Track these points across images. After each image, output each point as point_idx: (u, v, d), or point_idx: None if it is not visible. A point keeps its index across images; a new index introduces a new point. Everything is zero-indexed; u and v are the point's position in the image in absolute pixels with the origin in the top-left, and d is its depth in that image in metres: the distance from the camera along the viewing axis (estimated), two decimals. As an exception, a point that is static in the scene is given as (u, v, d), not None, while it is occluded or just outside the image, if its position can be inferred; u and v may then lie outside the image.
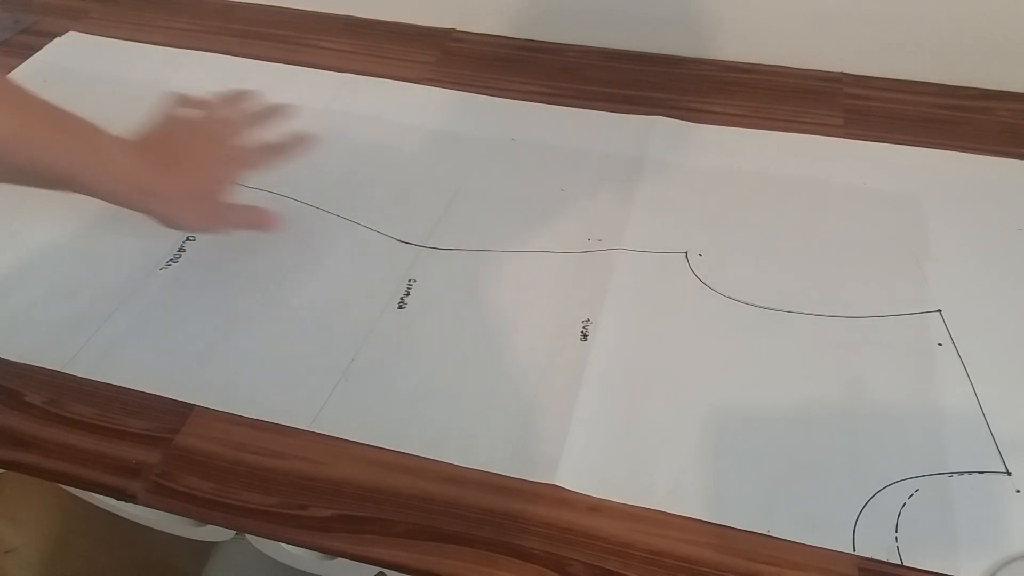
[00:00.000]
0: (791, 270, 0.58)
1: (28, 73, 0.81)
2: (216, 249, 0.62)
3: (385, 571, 0.49)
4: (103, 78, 0.80)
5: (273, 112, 0.61)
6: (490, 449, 0.48)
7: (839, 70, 0.77)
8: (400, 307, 0.57)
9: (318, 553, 0.51)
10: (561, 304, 0.56)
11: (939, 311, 0.55)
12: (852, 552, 0.43)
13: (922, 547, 0.43)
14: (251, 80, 0.79)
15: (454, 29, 0.86)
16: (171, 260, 0.61)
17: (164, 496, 0.47)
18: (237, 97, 0.61)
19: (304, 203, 0.66)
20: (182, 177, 0.52)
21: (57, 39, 0.86)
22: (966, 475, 0.46)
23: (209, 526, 0.55)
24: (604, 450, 0.48)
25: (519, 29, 0.84)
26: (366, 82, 0.79)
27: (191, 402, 0.52)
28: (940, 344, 0.53)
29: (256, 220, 0.58)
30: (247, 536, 0.53)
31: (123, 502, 0.48)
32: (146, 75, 0.80)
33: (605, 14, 0.81)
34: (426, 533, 0.45)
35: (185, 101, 0.59)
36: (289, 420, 0.50)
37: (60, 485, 0.52)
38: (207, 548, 0.90)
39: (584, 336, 0.54)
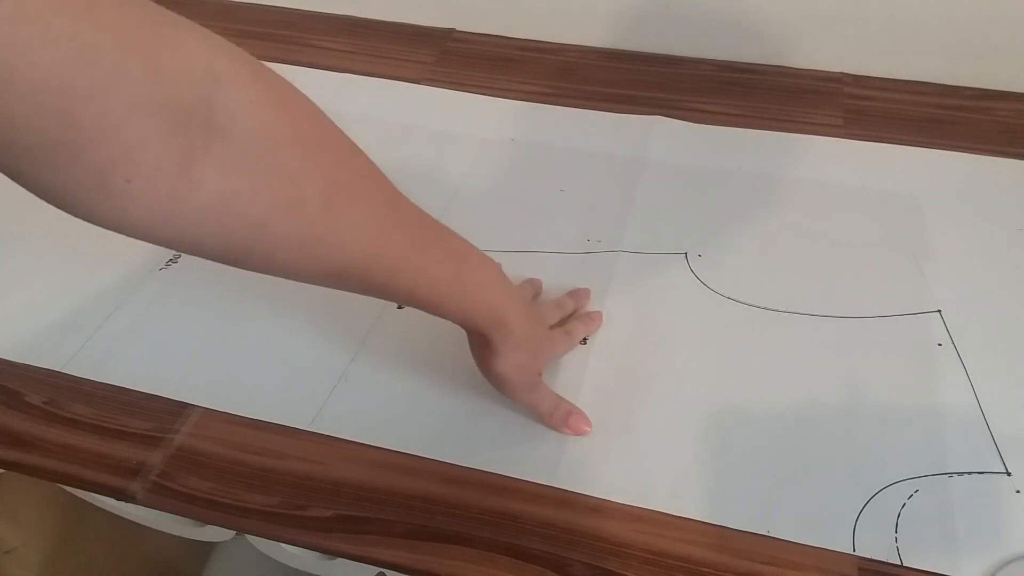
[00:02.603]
0: (791, 270, 0.58)
1: (28, 73, 0.81)
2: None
3: (385, 571, 0.49)
4: (103, 78, 0.80)
5: (577, 296, 0.57)
6: (490, 449, 0.48)
7: (839, 70, 0.77)
8: (400, 307, 0.57)
9: (318, 553, 0.51)
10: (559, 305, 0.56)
11: (939, 311, 0.55)
12: (852, 552, 0.43)
13: (922, 547, 0.43)
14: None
15: (454, 29, 0.86)
16: (171, 260, 0.61)
17: (164, 496, 0.47)
18: (579, 296, 0.57)
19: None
20: (528, 328, 0.47)
21: (57, 39, 0.86)
22: (966, 475, 0.46)
23: (209, 526, 0.55)
24: (604, 450, 0.48)
25: (519, 29, 0.84)
26: (366, 82, 0.79)
27: (191, 402, 0.52)
28: (940, 344, 0.53)
29: (561, 413, 0.49)
30: (247, 536, 0.53)
31: (123, 502, 0.48)
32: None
33: (605, 14, 0.81)
34: (426, 533, 0.45)
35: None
36: (289, 420, 0.50)
37: (60, 485, 0.52)
38: (207, 548, 0.90)
39: (584, 338, 0.54)
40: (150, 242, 0.30)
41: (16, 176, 0.26)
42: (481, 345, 0.46)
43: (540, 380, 0.49)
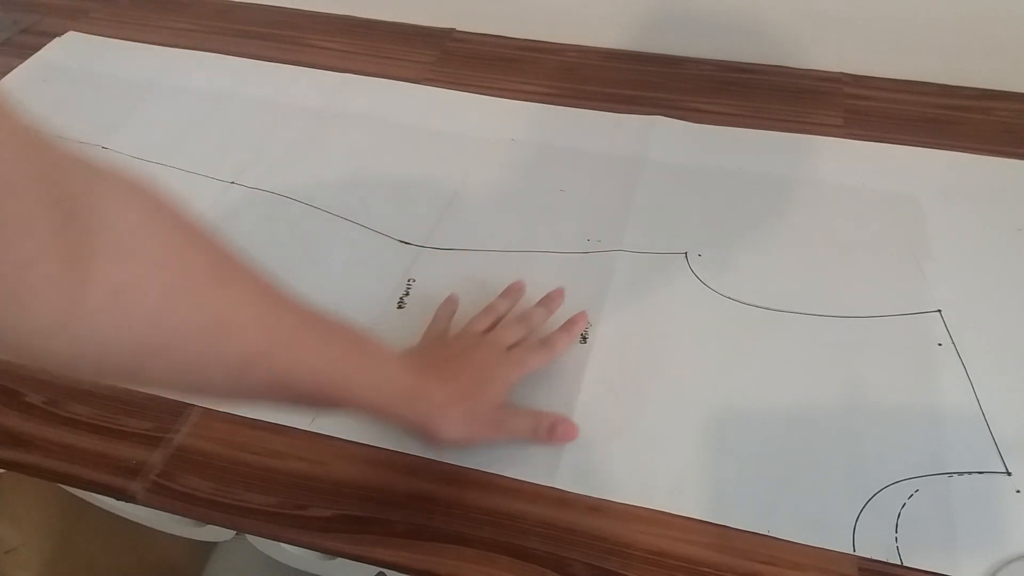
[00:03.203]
0: (791, 270, 0.58)
1: (28, 73, 0.81)
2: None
3: (385, 571, 0.49)
4: (103, 78, 0.80)
5: (547, 302, 0.55)
6: (490, 449, 0.48)
7: (839, 70, 0.77)
8: (400, 307, 0.57)
9: (318, 553, 0.51)
10: (561, 305, 0.56)
11: (939, 311, 0.55)
12: (852, 552, 0.43)
13: (922, 547, 0.43)
14: (251, 80, 0.79)
15: (454, 29, 0.86)
16: (171, 260, 0.61)
17: (164, 496, 0.47)
18: (512, 292, 0.56)
19: (304, 203, 0.66)
20: (451, 380, 0.46)
21: (57, 39, 0.86)
22: (966, 475, 0.46)
23: (209, 526, 0.55)
24: (604, 450, 0.48)
25: (519, 29, 0.84)
26: (366, 82, 0.79)
27: (191, 402, 0.52)
28: (940, 344, 0.53)
29: (544, 428, 0.48)
30: (247, 536, 0.53)
31: (123, 502, 0.48)
32: (146, 75, 0.81)
33: (605, 14, 0.81)
34: (426, 533, 0.45)
35: (453, 306, 0.55)
36: (289, 420, 0.50)
37: (60, 485, 0.52)
38: (207, 548, 0.90)
39: (584, 338, 0.54)
40: (52, 363, 0.30)
41: None
42: (415, 426, 0.45)
43: (503, 412, 0.47)
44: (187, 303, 0.31)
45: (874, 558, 0.43)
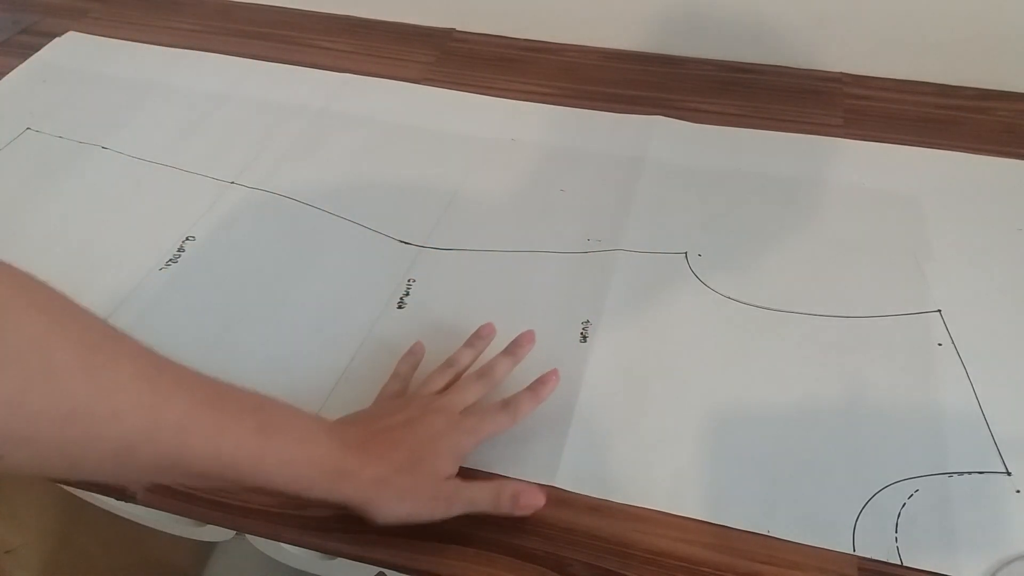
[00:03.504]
0: (791, 270, 0.58)
1: (28, 73, 0.81)
2: (216, 249, 0.62)
3: (385, 571, 0.49)
4: (103, 78, 0.80)
5: (515, 349, 0.51)
6: (490, 449, 0.48)
7: (839, 70, 0.77)
8: (400, 307, 0.57)
9: (318, 553, 0.51)
10: (561, 305, 0.57)
11: (939, 311, 0.55)
12: (852, 552, 0.43)
13: (922, 547, 0.43)
14: (251, 80, 0.79)
15: (454, 29, 0.86)
16: (171, 260, 0.61)
17: (164, 496, 0.47)
18: (478, 340, 0.53)
19: (304, 203, 0.66)
20: (385, 455, 0.42)
21: (57, 39, 0.86)
22: (966, 475, 0.46)
23: (209, 526, 0.55)
24: (604, 450, 0.48)
25: (519, 29, 0.84)
26: (366, 82, 0.79)
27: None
28: (940, 344, 0.53)
29: (506, 498, 0.44)
30: (247, 536, 0.53)
31: (123, 502, 0.48)
32: (146, 75, 0.81)
33: (605, 14, 0.81)
34: (426, 533, 0.45)
35: (415, 359, 0.52)
36: (289, 420, 0.50)
37: (60, 485, 0.52)
38: (207, 548, 0.90)
39: (584, 338, 0.54)
40: None
41: None
42: (344, 507, 0.42)
43: (452, 485, 0.43)
44: (49, 391, 0.30)
45: (874, 558, 0.43)
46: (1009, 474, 0.46)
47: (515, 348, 0.51)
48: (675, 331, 0.55)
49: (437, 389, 0.49)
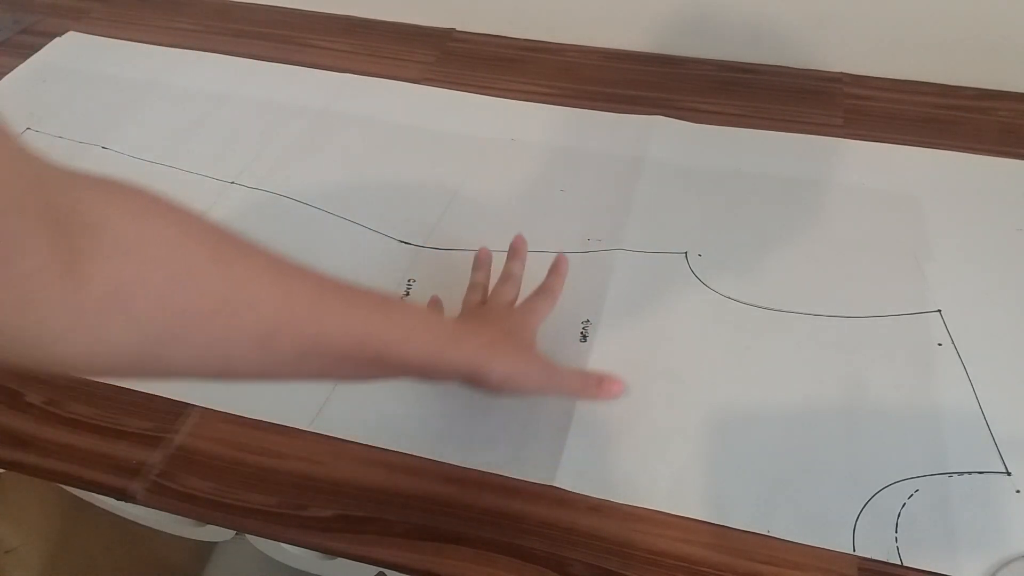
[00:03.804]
0: (791, 270, 0.58)
1: (28, 73, 0.81)
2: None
3: (385, 571, 0.49)
4: (103, 78, 0.80)
5: (515, 255, 0.56)
6: (490, 449, 0.48)
7: (839, 70, 0.77)
8: (400, 307, 0.57)
9: (318, 553, 0.51)
10: (561, 304, 0.56)
11: (939, 311, 0.55)
12: (852, 552, 0.43)
13: (922, 547, 0.43)
14: (251, 80, 0.79)
15: (454, 29, 0.86)
16: (171, 260, 0.61)
17: (164, 496, 0.47)
18: (482, 262, 0.57)
19: (304, 203, 0.66)
20: (486, 326, 0.49)
21: (57, 39, 0.86)
22: (966, 475, 0.46)
23: (209, 526, 0.55)
24: (604, 450, 0.48)
25: (519, 29, 0.84)
26: (366, 82, 0.79)
27: (191, 402, 0.52)
28: (940, 344, 0.53)
29: (592, 383, 0.47)
30: (247, 536, 0.53)
31: (123, 502, 0.48)
32: (146, 75, 0.81)
33: (605, 14, 0.81)
34: (426, 533, 0.45)
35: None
36: (289, 420, 0.50)
37: (60, 485, 0.52)
38: (207, 548, 0.90)
39: (584, 337, 0.54)
40: (70, 367, 0.30)
41: None
42: (465, 368, 0.44)
43: (550, 362, 0.48)
44: (191, 289, 0.32)
45: (874, 558, 0.43)
46: (1009, 474, 0.46)
47: (514, 253, 0.56)
48: (675, 331, 0.55)
49: (476, 303, 0.53)
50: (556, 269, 0.54)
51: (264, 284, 0.35)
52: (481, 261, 0.56)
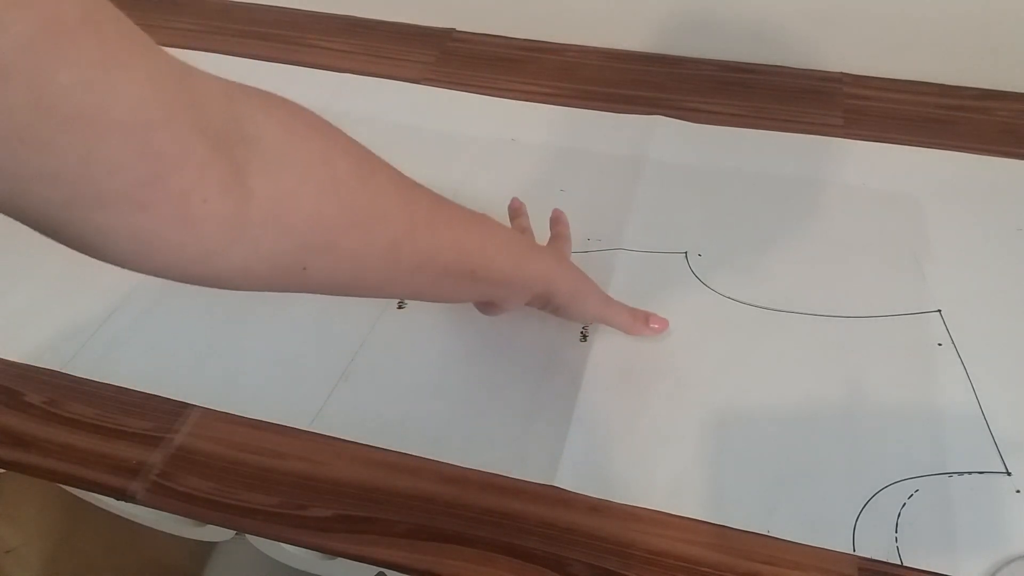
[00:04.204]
0: (791, 270, 0.58)
1: (28, 73, 0.81)
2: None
3: (385, 571, 0.49)
4: (103, 78, 0.80)
5: (516, 215, 0.59)
6: (490, 449, 0.48)
7: (839, 70, 0.77)
8: (400, 307, 0.57)
9: (318, 553, 0.51)
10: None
11: (939, 311, 0.55)
12: (852, 552, 0.43)
13: (922, 547, 0.43)
14: (251, 80, 0.79)
15: (454, 29, 0.86)
16: (171, 260, 0.61)
17: (164, 496, 0.47)
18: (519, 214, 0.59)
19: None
20: (554, 247, 0.54)
21: (57, 39, 0.86)
22: (966, 475, 0.46)
23: (209, 526, 0.55)
24: (604, 450, 0.48)
25: (519, 29, 0.84)
26: (366, 82, 0.79)
27: (191, 402, 0.52)
28: (940, 344, 0.53)
29: (640, 318, 0.53)
30: (247, 536, 0.53)
31: (123, 502, 0.48)
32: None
33: (605, 14, 0.81)
34: (426, 533, 0.45)
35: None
36: (289, 420, 0.50)
37: (60, 485, 0.52)
38: (207, 548, 0.90)
39: (584, 337, 0.54)
40: (225, 282, 0.31)
41: (93, 232, 0.26)
42: (545, 290, 0.48)
43: (606, 301, 0.52)
44: (338, 201, 0.33)
45: (874, 558, 0.43)
46: (1009, 474, 0.46)
47: (515, 213, 0.57)
48: (675, 331, 0.55)
49: None
50: (559, 219, 0.57)
51: (393, 197, 0.37)
52: (518, 208, 0.58)
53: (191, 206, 0.26)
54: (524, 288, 0.47)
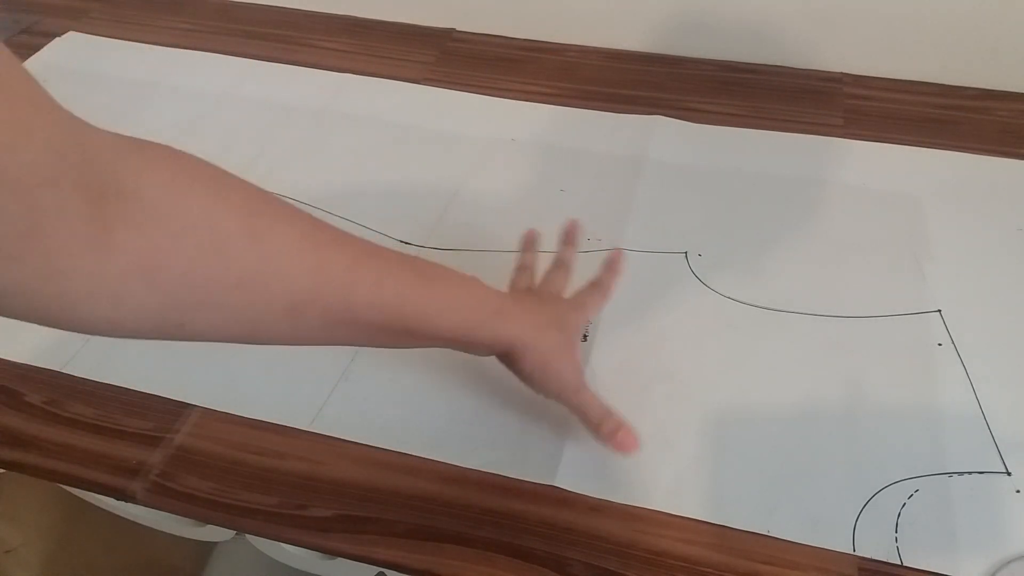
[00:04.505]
0: (791, 270, 0.58)
1: (28, 73, 0.81)
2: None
3: (385, 571, 0.49)
4: (103, 78, 0.80)
5: (570, 240, 0.55)
6: (490, 449, 0.48)
7: (839, 70, 0.77)
8: (400, 307, 0.57)
9: (318, 553, 0.51)
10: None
11: (939, 311, 0.55)
12: (852, 552, 0.43)
13: (922, 547, 0.43)
14: (251, 80, 0.79)
15: (454, 29, 0.86)
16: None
17: (164, 496, 0.47)
18: (530, 243, 0.56)
19: (304, 203, 0.66)
20: (536, 308, 0.47)
21: (57, 39, 0.86)
22: (966, 475, 0.46)
23: (209, 526, 0.55)
24: (604, 450, 0.48)
25: (519, 29, 0.84)
26: (366, 82, 0.79)
27: (191, 402, 0.52)
28: (940, 344, 0.53)
29: (609, 426, 0.45)
30: (247, 536, 0.53)
31: (123, 502, 0.48)
32: (146, 75, 0.80)
33: (605, 14, 0.81)
34: (426, 533, 0.45)
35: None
36: (289, 420, 0.50)
37: (60, 485, 0.52)
38: (207, 548, 0.90)
39: (584, 336, 0.54)
40: (91, 329, 0.31)
41: None
42: (508, 358, 0.45)
43: (585, 382, 0.46)
44: (219, 260, 0.32)
45: (874, 558, 0.43)
46: (1009, 474, 0.46)
47: (570, 239, 0.55)
48: (675, 331, 0.55)
49: (525, 288, 0.52)
50: (612, 266, 0.52)
51: (295, 256, 0.35)
52: (529, 242, 0.55)
53: (59, 260, 0.27)
54: (481, 347, 0.44)
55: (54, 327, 0.30)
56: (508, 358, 0.45)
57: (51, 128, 0.27)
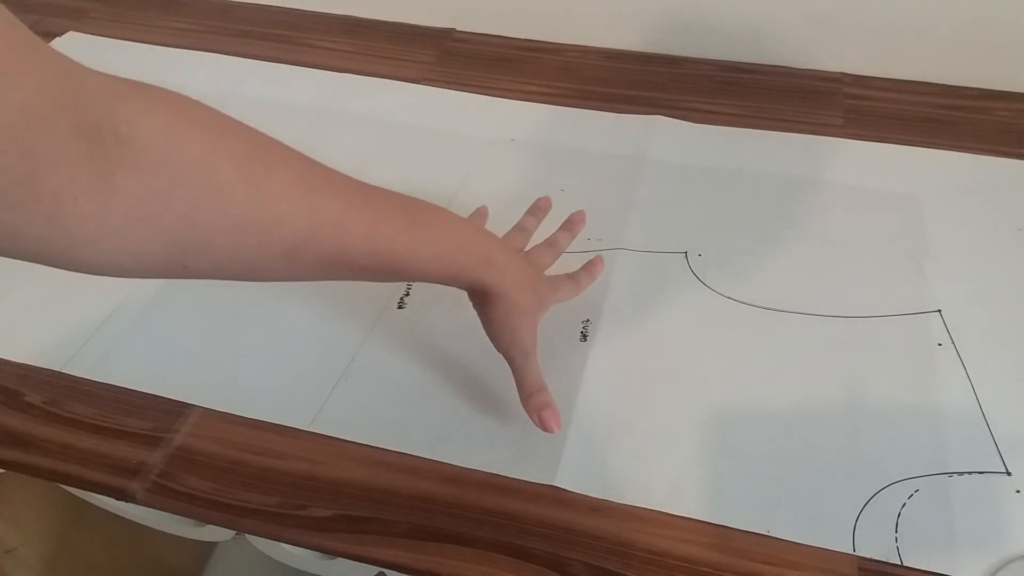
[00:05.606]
0: (791, 270, 0.58)
1: (28, 73, 0.81)
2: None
3: (385, 571, 0.49)
4: (103, 78, 0.80)
5: (570, 226, 0.57)
6: (490, 449, 0.48)
7: (839, 70, 0.77)
8: (400, 307, 0.57)
9: (318, 553, 0.51)
10: (560, 304, 0.56)
11: (939, 311, 0.55)
12: (852, 552, 0.43)
13: (922, 547, 0.43)
14: (251, 80, 0.79)
15: (454, 29, 0.86)
16: (171, 260, 0.61)
17: (164, 496, 0.47)
18: (539, 209, 0.58)
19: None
20: (524, 266, 0.50)
21: (57, 39, 0.86)
22: (966, 475, 0.46)
23: (209, 526, 0.55)
24: (604, 450, 0.48)
25: (519, 29, 0.84)
26: (366, 82, 0.79)
27: (191, 402, 0.52)
28: (940, 344, 0.53)
29: (537, 403, 0.47)
30: (247, 536, 0.53)
31: (123, 502, 0.48)
32: (146, 75, 0.80)
33: (605, 14, 0.81)
34: (426, 533, 0.45)
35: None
36: (289, 420, 0.50)
37: (60, 485, 0.52)
38: (207, 548, 0.90)
39: (584, 336, 0.54)
40: (95, 270, 0.31)
41: None
42: (481, 298, 0.46)
43: (535, 349, 0.47)
44: (218, 205, 0.32)
45: (874, 558, 0.43)
46: (1009, 474, 0.46)
47: (571, 225, 0.56)
48: (675, 331, 0.55)
49: (518, 248, 0.54)
50: (591, 268, 0.55)
51: (291, 201, 0.35)
52: (538, 208, 0.57)
53: (60, 205, 0.27)
54: (464, 287, 0.47)
55: (63, 268, 0.30)
56: (481, 298, 0.47)
57: (43, 71, 0.26)
